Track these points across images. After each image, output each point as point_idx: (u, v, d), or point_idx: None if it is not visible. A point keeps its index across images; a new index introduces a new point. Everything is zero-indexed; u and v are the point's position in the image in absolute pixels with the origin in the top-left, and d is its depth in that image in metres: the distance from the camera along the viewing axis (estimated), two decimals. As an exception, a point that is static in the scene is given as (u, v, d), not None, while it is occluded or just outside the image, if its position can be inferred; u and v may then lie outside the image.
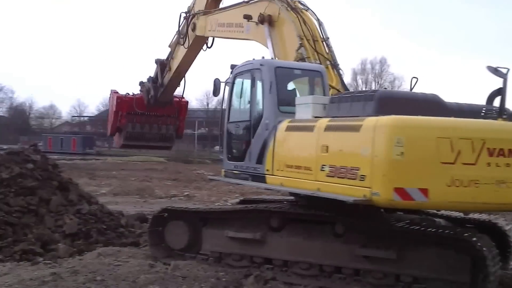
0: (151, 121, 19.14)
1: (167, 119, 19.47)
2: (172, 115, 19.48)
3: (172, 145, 21.84)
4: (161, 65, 18.21)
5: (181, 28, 16.33)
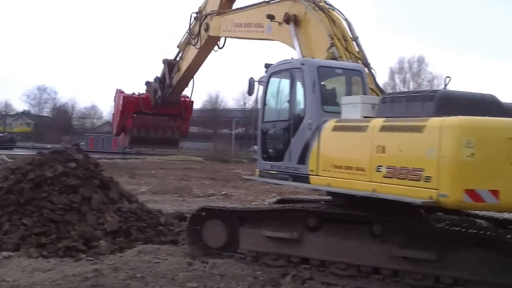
0: (157, 125, 18.79)
1: (174, 124, 19.11)
2: (178, 115, 19.13)
3: (176, 147, 21.75)
4: (169, 65, 17.76)
5: (192, 28, 15.95)
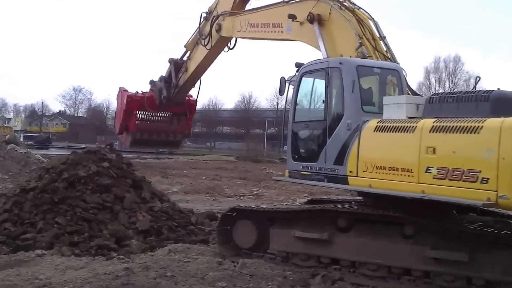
0: (160, 129, 18.49)
1: (177, 127, 18.82)
2: (182, 114, 18.84)
3: (178, 148, 21.66)
4: (175, 64, 17.35)
5: (202, 28, 15.62)
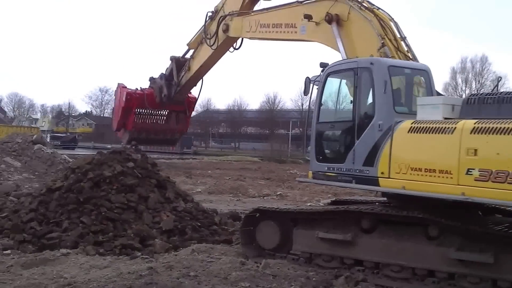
0: (158, 129, 18.29)
1: (175, 127, 18.59)
2: (181, 111, 18.62)
3: (174, 145, 21.55)
4: (176, 62, 16.97)
5: (207, 28, 15.32)
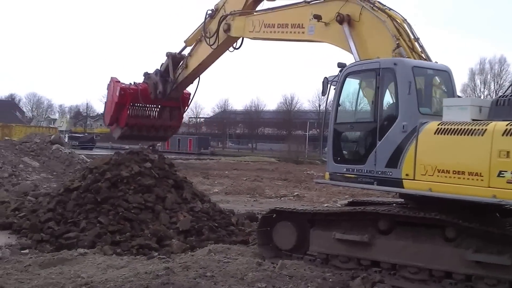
0: (151, 126, 18.19)
1: (169, 123, 18.45)
2: (176, 107, 18.46)
3: (166, 140, 21.30)
4: (173, 59, 16.57)
5: (207, 26, 14.99)
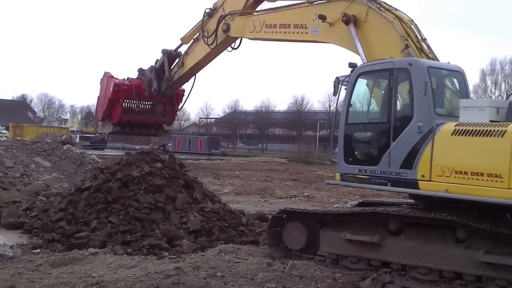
0: (145, 121, 18.12)
1: (163, 119, 18.40)
2: (170, 103, 18.39)
3: (157, 136, 21.36)
4: (168, 56, 16.45)
5: (205, 25, 14.83)
